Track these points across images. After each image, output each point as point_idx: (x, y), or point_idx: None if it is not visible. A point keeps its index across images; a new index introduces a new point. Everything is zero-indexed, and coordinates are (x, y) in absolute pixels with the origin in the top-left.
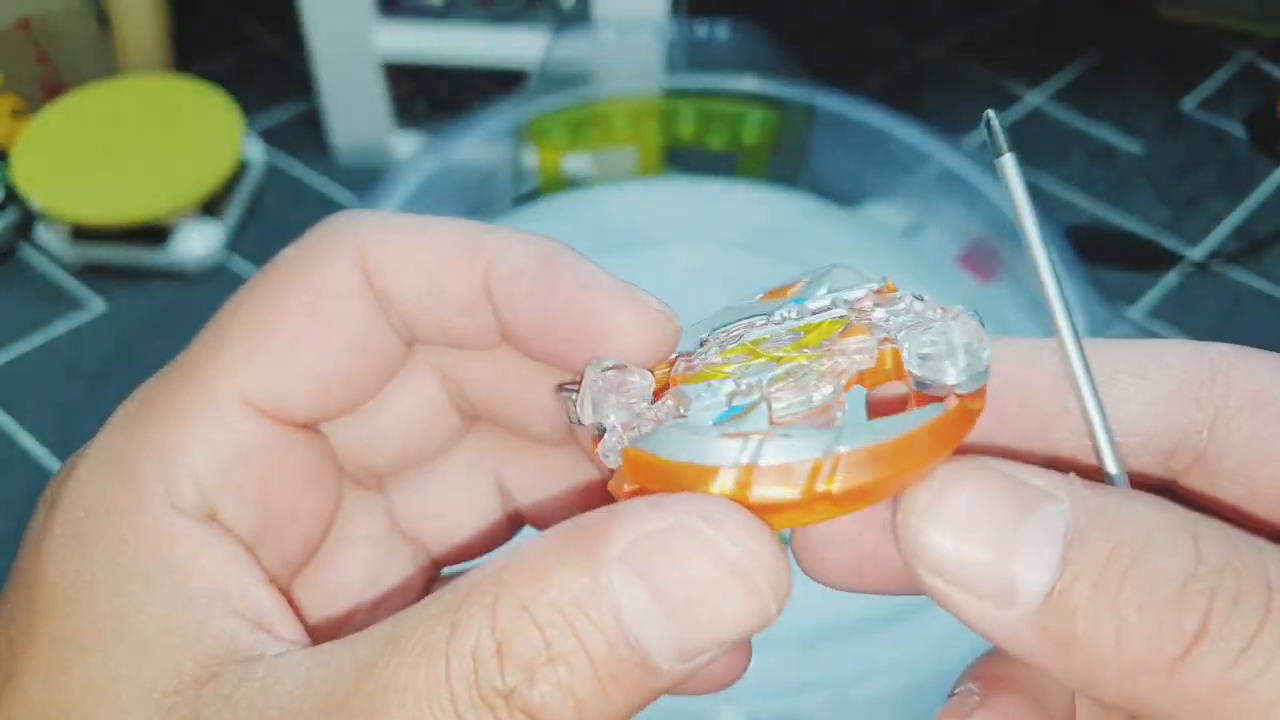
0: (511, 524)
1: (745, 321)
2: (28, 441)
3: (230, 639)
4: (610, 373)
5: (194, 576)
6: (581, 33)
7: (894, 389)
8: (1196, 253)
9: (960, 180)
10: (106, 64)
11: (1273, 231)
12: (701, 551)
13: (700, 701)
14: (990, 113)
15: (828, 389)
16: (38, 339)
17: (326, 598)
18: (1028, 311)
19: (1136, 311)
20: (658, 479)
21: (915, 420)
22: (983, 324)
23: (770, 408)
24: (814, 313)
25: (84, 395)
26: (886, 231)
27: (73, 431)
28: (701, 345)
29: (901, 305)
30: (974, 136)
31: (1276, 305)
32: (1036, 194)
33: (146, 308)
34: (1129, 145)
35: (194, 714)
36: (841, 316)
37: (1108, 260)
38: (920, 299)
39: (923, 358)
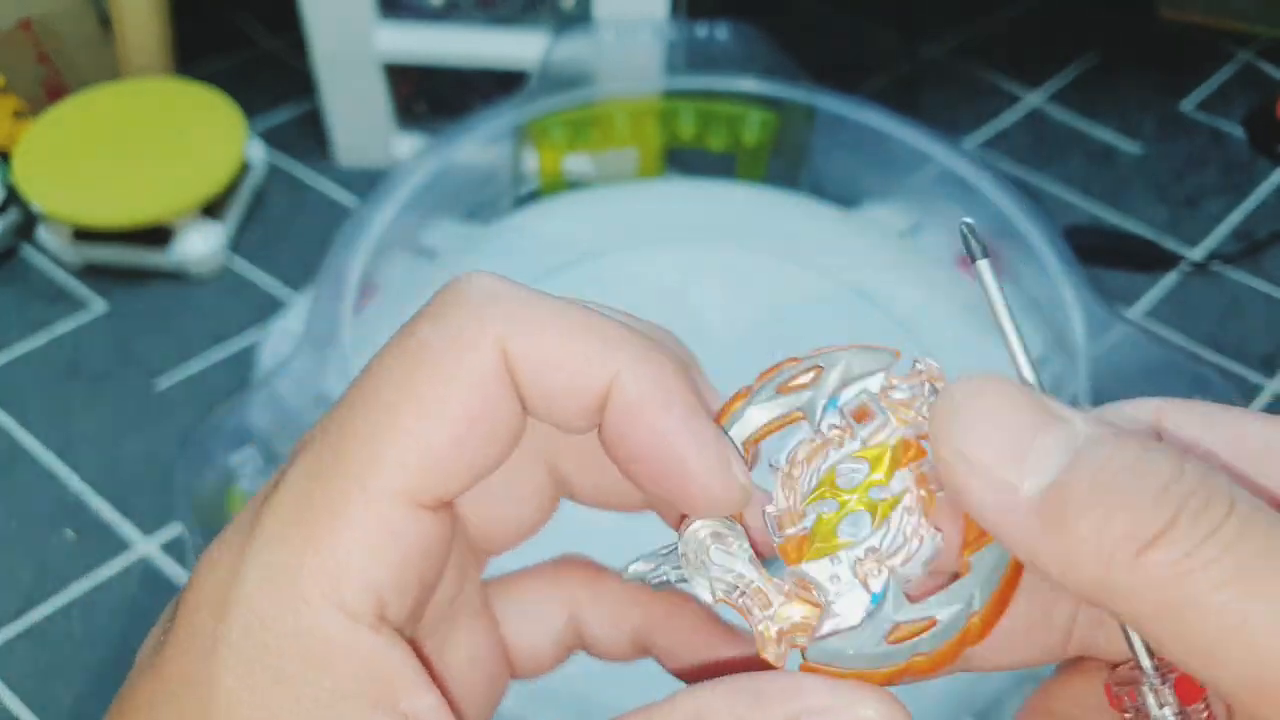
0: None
1: (805, 442)
2: (29, 441)
3: None
4: (716, 549)
5: (373, 688)
6: (581, 34)
7: None
8: (1195, 253)
9: (960, 181)
10: (108, 66)
11: (1272, 232)
12: None
13: None
14: (966, 221)
15: (926, 541)
16: (39, 339)
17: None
18: (1027, 312)
19: (1135, 312)
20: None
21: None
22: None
23: (899, 578)
24: (854, 415)
25: (84, 395)
26: (886, 232)
27: (73, 431)
28: (781, 474)
29: (926, 388)
30: (974, 136)
31: (1276, 305)
32: (1037, 194)
33: (147, 308)
34: (1128, 146)
35: None
36: (900, 436)
37: (1107, 260)
38: (928, 368)
39: None
